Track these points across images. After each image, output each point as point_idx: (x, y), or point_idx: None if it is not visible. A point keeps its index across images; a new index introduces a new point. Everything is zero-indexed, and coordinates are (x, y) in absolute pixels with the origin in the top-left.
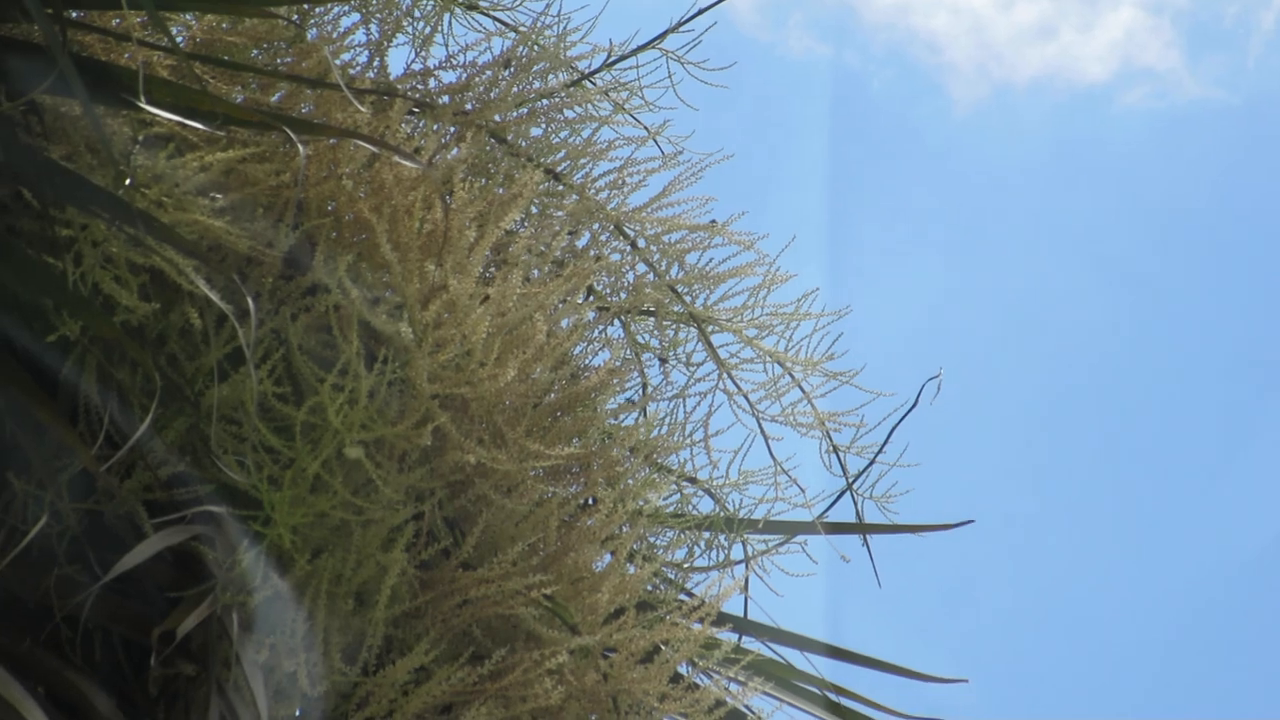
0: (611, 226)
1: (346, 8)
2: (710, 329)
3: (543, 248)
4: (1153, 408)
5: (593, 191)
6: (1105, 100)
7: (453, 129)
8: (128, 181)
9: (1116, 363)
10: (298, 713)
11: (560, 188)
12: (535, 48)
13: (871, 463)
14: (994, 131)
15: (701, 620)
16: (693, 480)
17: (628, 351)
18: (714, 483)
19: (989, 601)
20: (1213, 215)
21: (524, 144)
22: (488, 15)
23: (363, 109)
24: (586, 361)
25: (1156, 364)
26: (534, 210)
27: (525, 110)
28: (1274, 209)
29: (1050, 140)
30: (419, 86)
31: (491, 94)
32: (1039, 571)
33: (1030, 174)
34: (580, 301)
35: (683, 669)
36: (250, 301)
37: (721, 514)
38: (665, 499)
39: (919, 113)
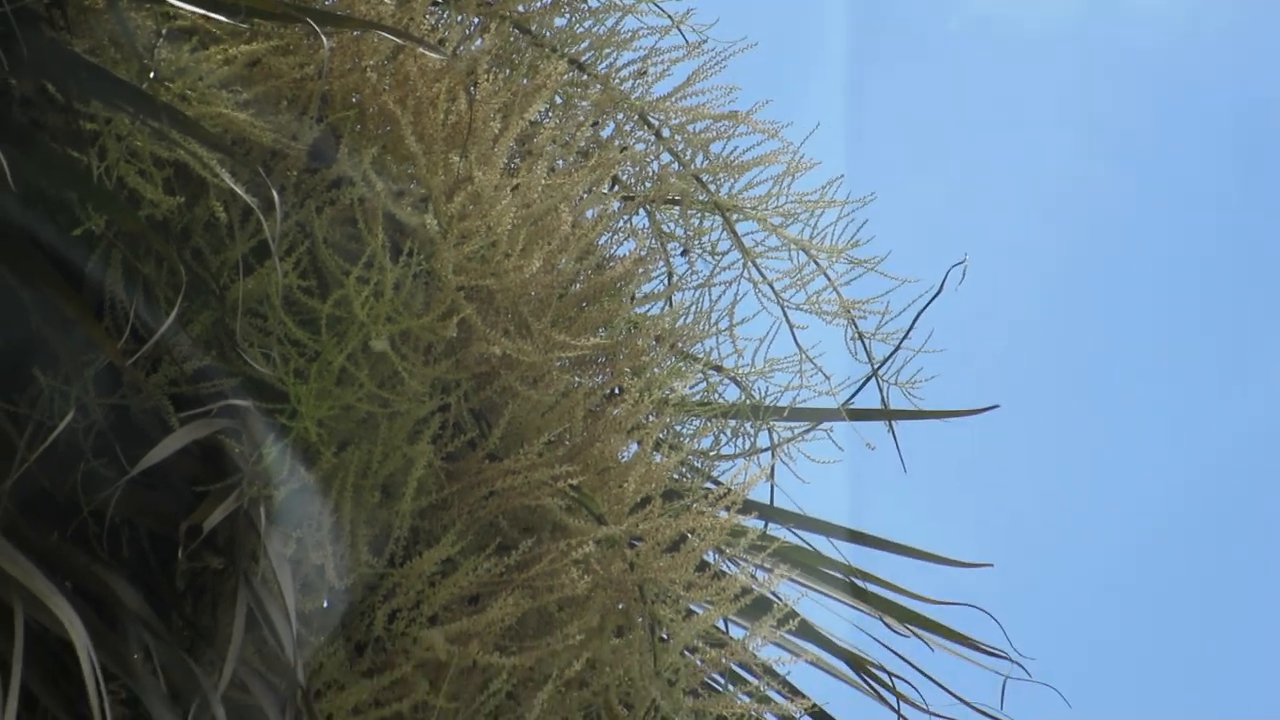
0: (636, 116)
1: None
2: (735, 217)
3: (567, 138)
4: (1180, 290)
5: (617, 81)
6: None
7: (477, 20)
8: (152, 75)
9: (1141, 245)
10: (325, 604)
11: (584, 78)
12: None
13: (897, 349)
14: (1018, 15)
15: (728, 508)
16: (718, 368)
17: (653, 241)
18: (740, 370)
19: (1015, 486)
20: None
21: (548, 34)
22: None
23: (386, 0)
24: (612, 251)
25: (1180, 246)
26: (558, 101)
27: (549, 0)
28: None
29: (1078, 20)
30: None
31: None
32: (1065, 456)
33: (1055, 57)
34: (605, 192)
35: (709, 557)
36: (275, 195)
37: (747, 402)
38: (691, 387)
39: None
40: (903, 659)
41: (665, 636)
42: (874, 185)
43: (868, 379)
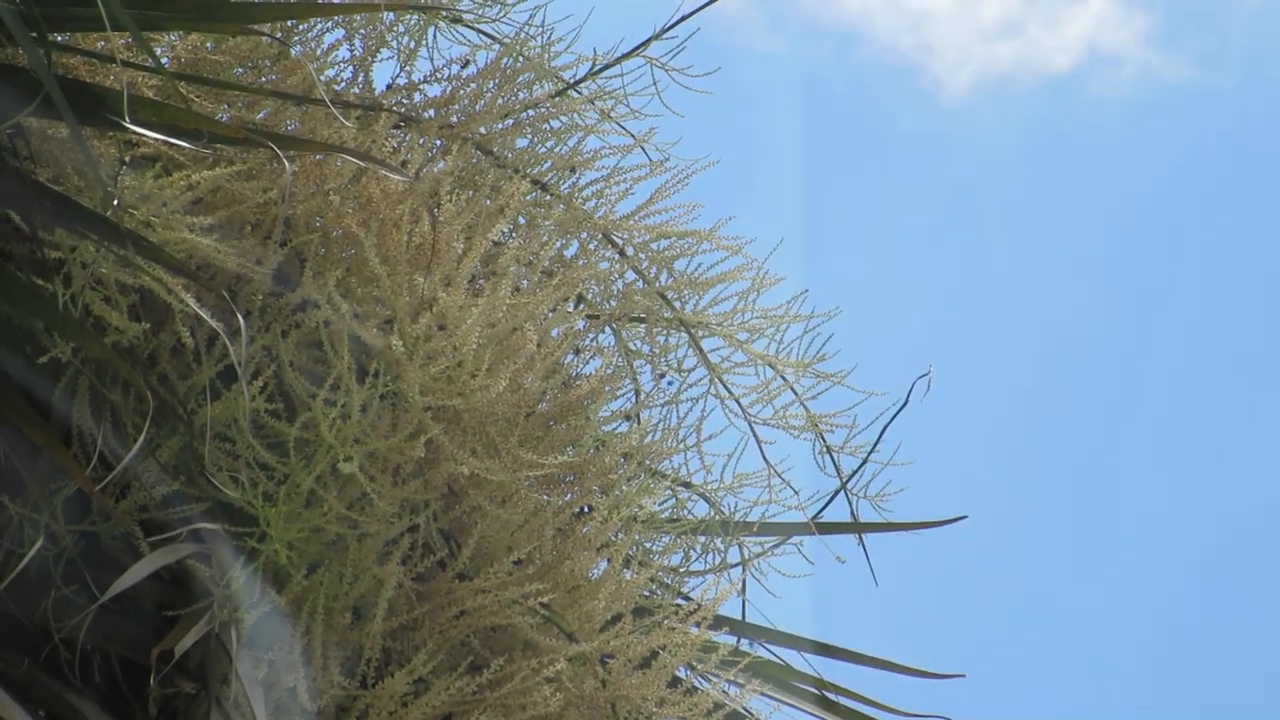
0: (600, 235)
1: (330, 24)
2: (700, 334)
3: (531, 258)
4: (1144, 401)
5: (580, 200)
6: (1078, 88)
7: (439, 142)
8: (115, 202)
9: (1104, 356)
10: None
11: (548, 198)
12: (519, 59)
13: (864, 462)
14: (973, 125)
15: (699, 624)
16: (687, 485)
17: (619, 359)
18: (708, 487)
19: (985, 598)
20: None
21: (510, 155)
22: (472, 28)
23: (348, 124)
24: (578, 370)
25: (1145, 357)
26: (522, 221)
27: (511, 122)
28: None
29: (1029, 130)
30: (404, 101)
31: (477, 106)
32: (1034, 567)
33: (1011, 166)
34: (570, 310)
35: (681, 672)
36: (241, 319)
37: (716, 517)
38: (660, 504)
39: (895, 109)
40: None
41: None
42: (838, 299)
43: (836, 493)
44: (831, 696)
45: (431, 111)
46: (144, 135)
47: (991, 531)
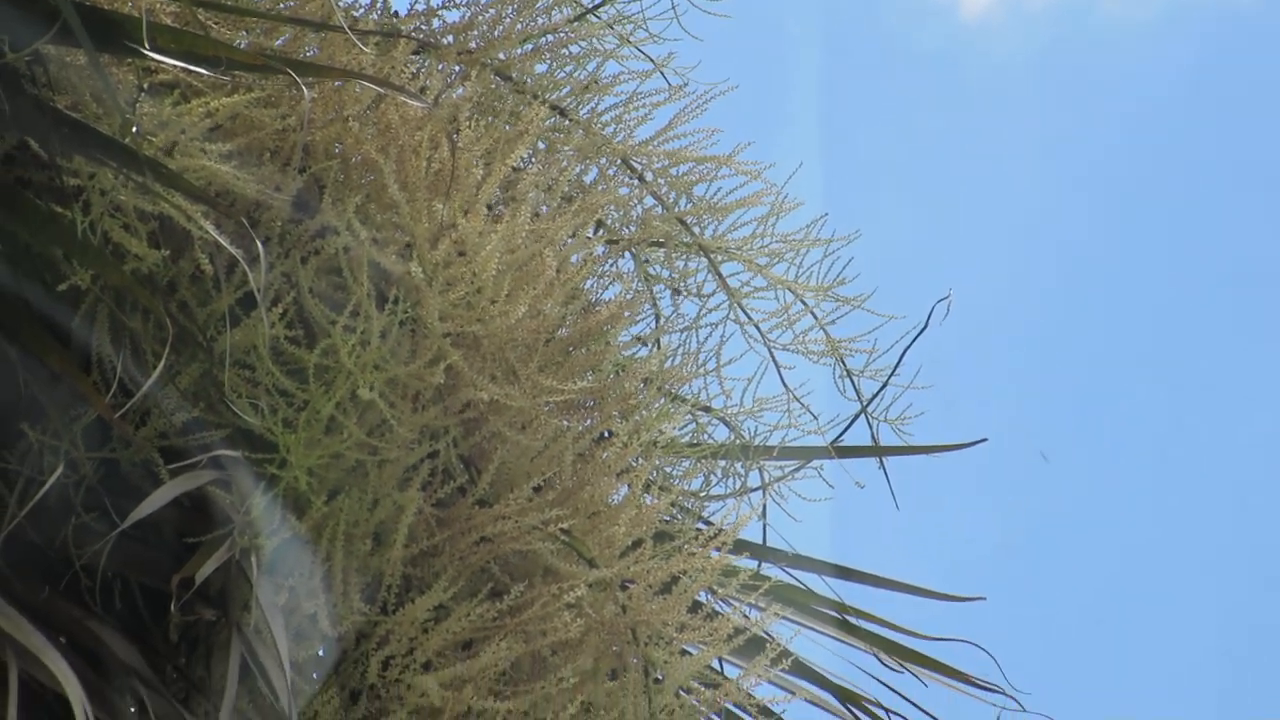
0: (619, 160)
1: None
2: (719, 259)
3: (550, 183)
4: (1166, 318)
5: (599, 126)
6: (1087, 8)
7: (457, 68)
8: (134, 129)
9: (1122, 273)
10: (319, 653)
11: (567, 123)
12: None
13: (884, 385)
14: (991, 43)
15: (719, 549)
16: (707, 409)
17: (639, 284)
18: (728, 411)
19: (1004, 521)
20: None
21: (529, 81)
22: None
23: (367, 50)
24: (598, 295)
25: (1162, 273)
26: (541, 146)
27: (530, 47)
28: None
29: (1042, 48)
30: (423, 27)
31: (495, 31)
32: (1053, 490)
33: (1028, 84)
34: (589, 236)
35: (702, 597)
36: (260, 246)
37: (736, 442)
38: (680, 429)
39: (912, 28)
40: (898, 693)
41: (659, 678)
42: (857, 223)
43: (855, 416)
44: (852, 620)
45: (450, 37)
46: (162, 62)
47: (1012, 454)
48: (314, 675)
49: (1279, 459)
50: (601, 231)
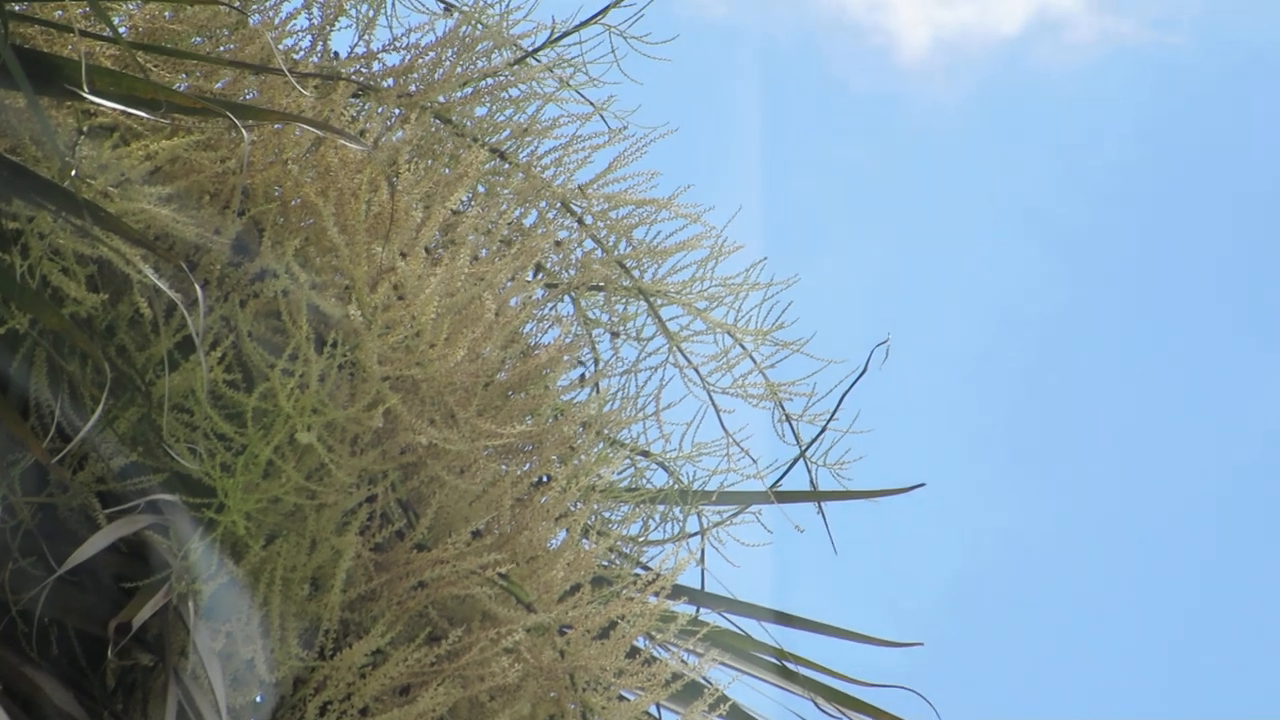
0: (558, 203)
1: None
2: (659, 302)
3: (490, 226)
4: (1099, 364)
5: (539, 169)
6: (1025, 53)
7: (397, 111)
8: (73, 172)
9: (1056, 320)
10: (257, 699)
11: (506, 166)
12: (478, 27)
13: (823, 430)
14: (929, 86)
15: (657, 593)
16: (646, 454)
17: (578, 327)
18: (667, 455)
19: (945, 566)
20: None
21: (469, 124)
22: None
23: (306, 93)
24: (537, 339)
25: (1096, 321)
26: (481, 189)
27: (470, 90)
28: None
29: (980, 93)
30: (363, 70)
31: (436, 75)
32: (993, 532)
33: (965, 130)
34: (529, 279)
35: (640, 642)
36: (199, 289)
37: (675, 487)
38: (619, 474)
39: (851, 73)
40: None
41: None
42: (796, 267)
43: (795, 461)
44: (791, 666)
45: (390, 80)
46: (102, 105)
47: (948, 498)
48: None
49: (1232, 504)
50: (541, 275)
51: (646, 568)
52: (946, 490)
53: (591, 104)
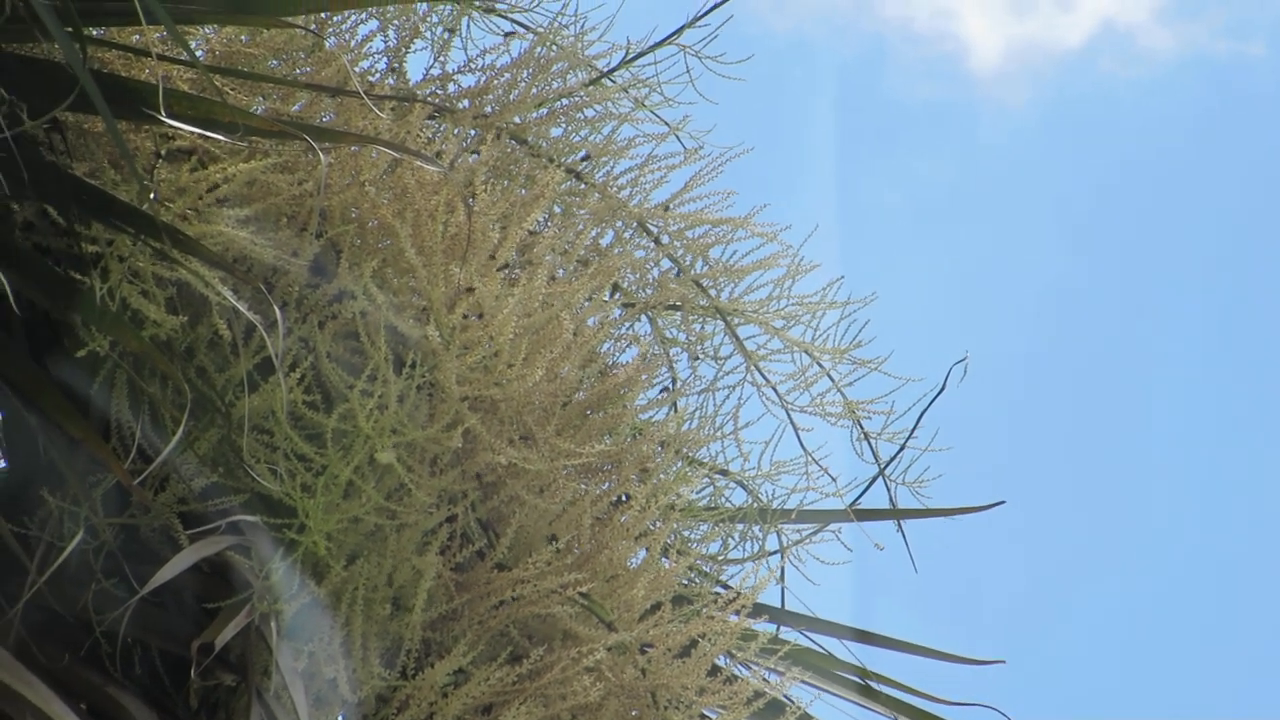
0: (635, 223)
1: (364, 16)
2: (736, 321)
3: (566, 246)
4: (1183, 375)
5: (615, 189)
6: (1091, 65)
7: (473, 132)
8: (152, 196)
9: (1140, 327)
10: (340, 718)
11: (582, 186)
12: (553, 48)
13: (902, 448)
14: (1001, 99)
15: (738, 612)
16: (725, 473)
17: (655, 347)
18: (746, 474)
19: (1022, 583)
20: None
21: (544, 144)
22: (505, 18)
23: (382, 115)
24: (614, 358)
25: (1179, 330)
26: (557, 210)
27: (545, 111)
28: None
29: (1048, 102)
30: (438, 91)
31: (511, 96)
32: (1073, 551)
33: (1035, 140)
34: (606, 299)
35: (721, 661)
36: (277, 311)
37: (754, 505)
38: (698, 492)
39: (925, 88)
40: None
41: None
42: (874, 284)
43: (874, 479)
44: (872, 684)
45: (466, 102)
46: (179, 128)
47: (1030, 516)
48: None
49: None
50: (618, 295)
51: (727, 586)
52: (1025, 505)
53: (666, 124)
